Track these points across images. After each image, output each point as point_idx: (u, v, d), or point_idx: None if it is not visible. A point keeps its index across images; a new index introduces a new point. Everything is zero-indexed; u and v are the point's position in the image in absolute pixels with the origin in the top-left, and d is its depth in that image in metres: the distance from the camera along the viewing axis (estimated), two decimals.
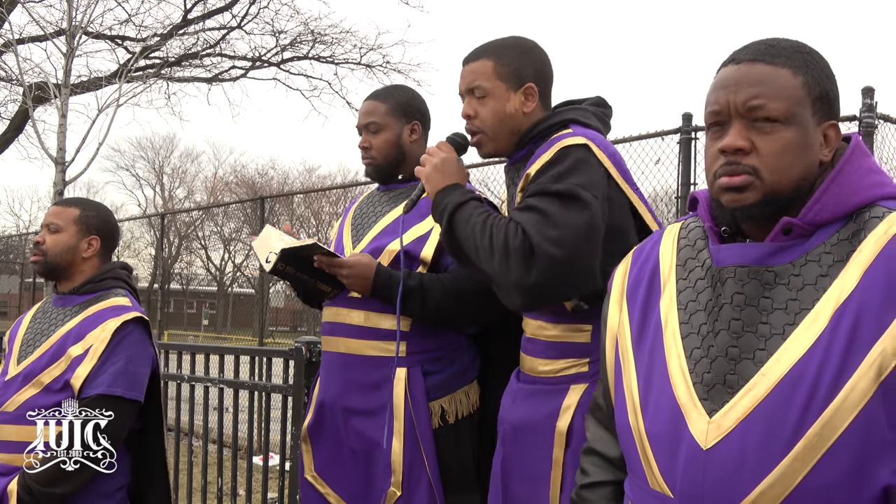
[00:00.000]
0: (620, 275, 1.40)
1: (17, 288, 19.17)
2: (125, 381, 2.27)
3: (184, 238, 31.44)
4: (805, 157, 1.19)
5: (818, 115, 1.21)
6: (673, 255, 1.33)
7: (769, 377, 1.13)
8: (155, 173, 39.11)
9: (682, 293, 1.27)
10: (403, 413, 2.21)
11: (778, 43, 1.24)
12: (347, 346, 2.29)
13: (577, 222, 1.74)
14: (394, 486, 2.21)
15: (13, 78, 11.91)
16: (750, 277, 1.19)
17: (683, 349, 1.22)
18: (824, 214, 1.18)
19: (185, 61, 13.50)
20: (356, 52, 14.33)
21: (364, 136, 2.40)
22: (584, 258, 1.75)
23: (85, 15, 9.35)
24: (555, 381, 1.90)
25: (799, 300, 1.15)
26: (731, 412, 1.14)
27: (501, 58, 1.96)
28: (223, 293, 35.67)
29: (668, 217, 7.55)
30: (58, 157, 8.79)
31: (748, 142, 1.19)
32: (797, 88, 1.19)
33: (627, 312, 1.35)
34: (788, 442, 1.09)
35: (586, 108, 2.01)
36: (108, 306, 2.39)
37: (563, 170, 1.80)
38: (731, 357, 1.17)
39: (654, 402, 1.23)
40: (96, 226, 2.49)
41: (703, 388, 1.18)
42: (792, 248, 1.18)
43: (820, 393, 1.09)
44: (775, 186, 1.18)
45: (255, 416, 5.64)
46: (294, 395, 3.14)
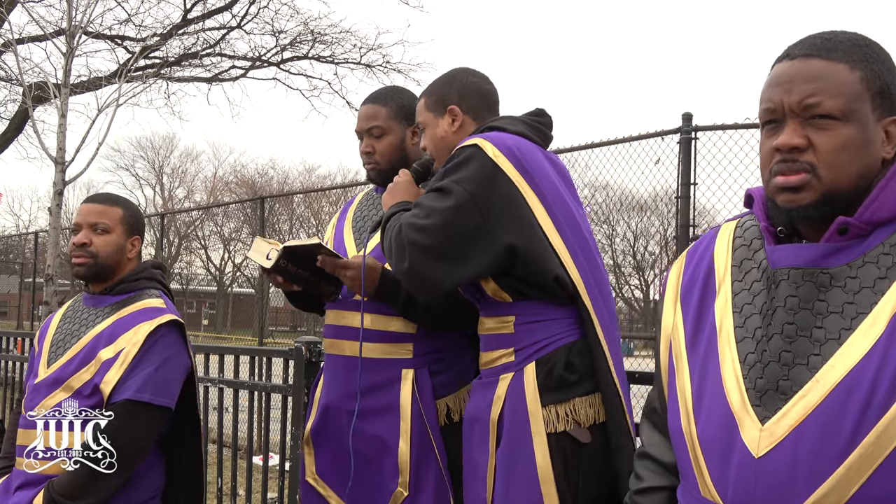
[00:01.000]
0: (675, 275, 1.36)
1: (16, 288, 19.16)
2: (153, 387, 2.20)
3: (184, 238, 31.45)
4: (865, 155, 1.14)
5: (879, 110, 1.15)
6: (728, 255, 1.28)
7: (823, 384, 1.09)
8: (155, 173, 39.16)
9: (738, 295, 1.23)
10: (410, 413, 2.21)
11: (834, 36, 1.19)
12: (354, 349, 2.28)
13: (444, 212, 1.91)
14: (401, 486, 2.21)
15: (13, 78, 11.91)
16: (804, 280, 1.15)
17: (738, 354, 1.18)
18: (882, 213, 1.13)
19: (185, 61, 13.49)
20: (356, 51, 14.33)
21: (367, 141, 2.38)
22: (448, 243, 1.90)
23: (85, 15, 9.34)
24: (491, 373, 2.01)
25: (856, 304, 1.11)
26: (783, 419, 1.11)
27: (428, 92, 2.20)
28: (223, 293, 35.68)
29: (669, 217, 7.53)
30: (57, 156, 8.79)
31: (804, 139, 1.14)
32: (855, 84, 1.14)
33: (682, 314, 1.31)
34: (843, 451, 1.06)
35: (514, 117, 2.11)
36: (141, 308, 2.32)
37: (447, 168, 1.98)
38: (784, 362, 1.13)
39: (706, 407, 1.20)
40: (137, 225, 2.45)
41: (756, 394, 1.14)
42: (848, 249, 1.14)
43: (876, 400, 1.05)
44: (833, 185, 1.13)
45: (255, 416, 5.64)
46: (294, 395, 3.14)
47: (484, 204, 1.92)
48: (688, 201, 4.96)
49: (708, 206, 5.72)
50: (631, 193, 7.40)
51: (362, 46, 14.23)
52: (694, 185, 4.95)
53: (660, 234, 18.42)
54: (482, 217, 1.92)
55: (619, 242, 15.91)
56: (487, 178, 1.93)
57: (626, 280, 21.58)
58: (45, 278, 8.88)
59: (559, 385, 1.91)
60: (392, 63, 14.32)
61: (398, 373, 2.24)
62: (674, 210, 5.12)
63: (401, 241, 1.93)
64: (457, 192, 1.92)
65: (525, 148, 1.99)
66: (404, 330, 2.25)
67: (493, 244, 1.92)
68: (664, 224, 11.27)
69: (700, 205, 5.22)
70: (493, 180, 1.93)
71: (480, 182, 1.93)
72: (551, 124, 2.16)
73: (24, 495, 2.18)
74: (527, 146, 2.00)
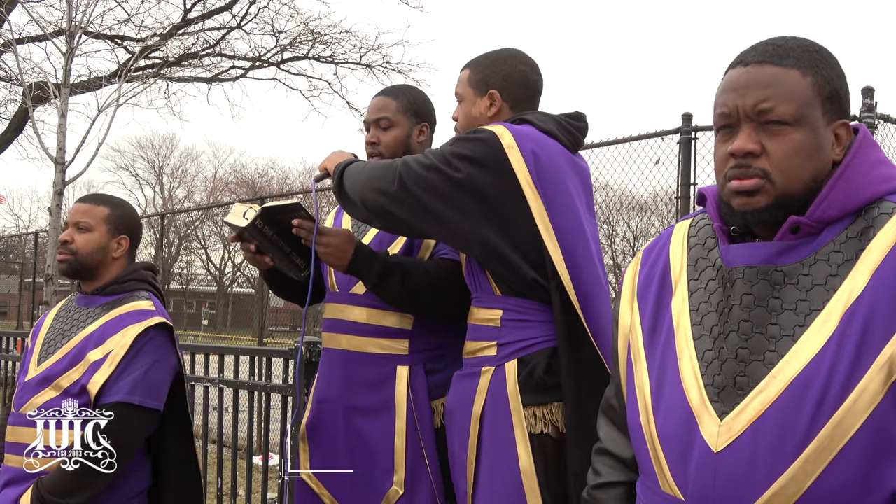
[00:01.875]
0: (631, 274, 1.39)
1: (16, 288, 19.17)
2: (143, 390, 2.21)
3: (184, 238, 31.47)
4: (816, 158, 1.17)
5: (829, 114, 1.19)
6: (683, 254, 1.31)
7: (780, 379, 1.12)
8: (155, 173, 39.15)
9: (694, 294, 1.26)
10: (406, 411, 2.21)
11: (786, 43, 1.22)
12: (350, 342, 2.29)
13: (427, 176, 1.95)
14: (396, 484, 2.22)
15: (13, 78, 11.92)
16: (759, 278, 1.18)
17: (695, 351, 1.21)
18: (832, 211, 1.16)
19: (185, 61, 13.50)
20: (356, 52, 14.34)
21: (373, 131, 2.38)
22: (435, 195, 1.95)
23: (85, 15, 9.34)
24: (473, 363, 2.03)
25: (808, 300, 1.14)
26: (741, 414, 1.13)
27: (476, 67, 2.16)
28: (223, 293, 35.69)
29: (669, 217, 7.54)
30: (57, 157, 8.79)
31: (758, 144, 1.17)
32: (806, 89, 1.17)
33: (639, 313, 1.33)
34: (799, 444, 1.08)
35: (548, 114, 2.10)
36: (130, 310, 2.32)
37: (458, 139, 2.02)
38: (741, 359, 1.16)
39: (665, 404, 1.22)
40: (125, 225, 2.43)
41: (714, 390, 1.17)
42: (801, 247, 1.17)
43: (831, 395, 1.08)
44: (786, 189, 1.17)
45: (255, 416, 5.64)
46: (294, 394, 3.14)
47: (474, 189, 1.94)
48: (688, 201, 4.96)
49: None
50: (631, 193, 7.40)
51: (362, 47, 14.25)
52: (694, 185, 4.95)
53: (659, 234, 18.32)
54: (471, 197, 1.95)
55: (619, 242, 15.91)
56: (489, 167, 1.95)
57: None
58: (45, 278, 8.88)
59: (539, 387, 1.92)
60: (392, 63, 14.34)
61: (393, 369, 2.24)
62: (674, 210, 5.12)
63: (395, 166, 1.98)
64: (432, 165, 1.96)
65: (547, 148, 2.00)
66: (400, 325, 2.25)
67: (463, 226, 1.95)
68: (664, 224, 11.26)
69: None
70: (493, 172, 1.94)
71: (478, 167, 1.95)
72: (586, 130, 2.15)
73: (11, 492, 2.19)
74: (549, 146, 2.01)
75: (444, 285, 2.18)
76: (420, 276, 2.17)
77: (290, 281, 2.43)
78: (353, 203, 2.10)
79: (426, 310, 2.23)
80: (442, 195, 1.95)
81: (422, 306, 2.21)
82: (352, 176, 2.10)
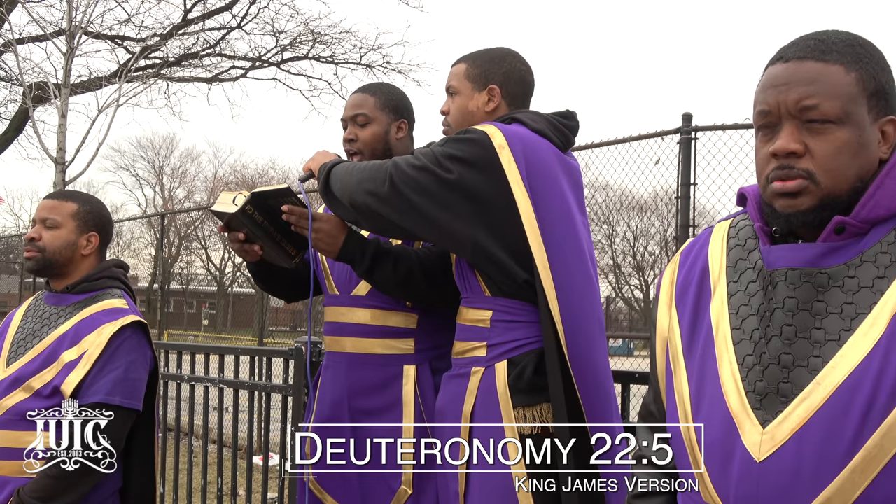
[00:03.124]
0: (669, 277, 1.34)
1: (16, 288, 19.16)
2: (123, 390, 2.18)
3: (184, 238, 31.44)
4: (862, 157, 1.13)
5: (874, 111, 1.14)
6: (723, 255, 1.26)
7: (825, 386, 1.08)
8: (155, 173, 39.11)
9: (734, 296, 1.21)
10: (413, 410, 2.21)
11: (828, 37, 1.17)
12: (355, 345, 2.28)
13: (417, 178, 1.95)
14: (404, 484, 2.22)
15: (13, 78, 11.91)
16: (802, 280, 1.14)
17: (735, 356, 1.17)
18: (879, 211, 1.12)
19: (185, 61, 13.49)
20: (356, 52, 14.32)
21: (350, 128, 2.36)
22: (426, 195, 1.93)
23: (85, 15, 9.35)
24: (462, 364, 2.04)
25: (855, 304, 1.10)
26: (785, 422, 1.10)
27: (474, 61, 2.16)
28: (223, 293, 35.67)
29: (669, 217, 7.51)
30: (58, 157, 8.79)
31: (801, 144, 1.13)
32: (851, 85, 1.13)
33: (677, 316, 1.29)
34: (846, 454, 1.05)
35: (539, 113, 2.09)
36: (103, 309, 2.27)
37: (449, 139, 2.01)
38: (783, 365, 1.12)
39: (705, 410, 1.18)
40: (94, 221, 2.37)
41: (756, 396, 1.13)
42: (846, 249, 1.13)
43: (879, 402, 1.04)
44: (832, 190, 1.13)
45: (255, 416, 5.64)
46: (294, 395, 3.14)
47: (466, 190, 1.94)
48: (688, 201, 4.96)
49: (708, 206, 5.71)
50: (631, 193, 7.42)
51: (362, 47, 14.23)
52: (694, 185, 4.95)
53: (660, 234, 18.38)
54: (462, 198, 1.94)
55: (619, 242, 15.92)
56: (479, 166, 1.94)
57: (626, 280, 21.57)
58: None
59: (529, 388, 1.92)
60: (392, 63, 14.31)
61: (399, 369, 2.24)
62: (674, 210, 5.12)
63: (385, 168, 1.97)
64: (424, 166, 1.95)
65: (538, 148, 1.99)
66: (404, 325, 2.25)
67: (454, 227, 1.95)
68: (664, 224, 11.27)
69: (700, 205, 5.22)
70: (485, 173, 1.94)
71: (466, 167, 1.94)
72: (577, 129, 2.15)
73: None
74: (541, 146, 2.00)
75: (436, 269, 2.17)
76: (412, 259, 2.16)
77: (277, 274, 2.40)
78: (340, 204, 2.09)
79: (419, 295, 2.21)
80: (433, 196, 1.94)
81: (415, 291, 2.19)
82: (340, 177, 2.08)
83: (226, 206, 2.14)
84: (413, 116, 2.45)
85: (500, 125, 2.00)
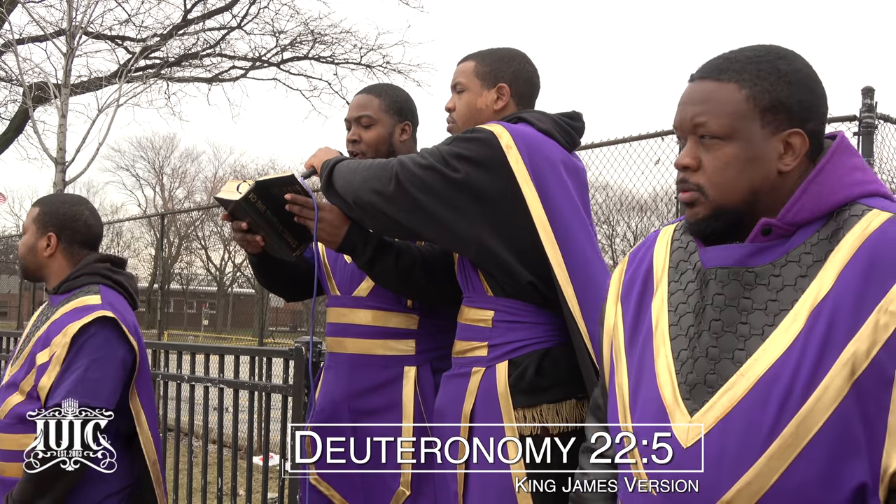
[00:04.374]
0: (617, 276, 1.42)
1: (17, 288, 19.16)
2: (84, 390, 2.13)
3: (184, 238, 31.46)
4: (752, 171, 1.20)
5: (772, 125, 1.20)
6: (666, 256, 1.34)
7: (747, 377, 1.15)
8: (155, 173, 39.13)
9: (674, 295, 1.29)
10: (412, 411, 2.21)
11: (735, 55, 1.25)
12: (357, 346, 2.28)
13: (424, 177, 1.93)
14: (403, 485, 2.21)
15: (13, 78, 11.92)
16: (730, 278, 1.21)
17: (671, 350, 1.24)
18: (804, 214, 1.19)
19: (185, 61, 13.51)
20: (356, 52, 14.34)
21: (354, 129, 2.35)
22: (431, 194, 1.92)
23: (85, 15, 9.36)
24: (462, 363, 2.03)
25: (778, 301, 1.16)
26: (710, 411, 1.16)
27: (483, 59, 2.15)
28: (223, 293, 35.69)
29: (669, 217, 7.55)
30: (58, 157, 8.80)
31: (695, 160, 1.22)
32: (740, 103, 1.20)
33: (622, 313, 1.36)
34: (765, 441, 1.11)
35: (545, 113, 2.10)
36: (72, 308, 2.23)
37: (456, 138, 2.00)
38: (711, 357, 1.19)
39: (641, 402, 1.26)
40: (52, 222, 2.34)
41: (687, 388, 1.20)
42: (773, 249, 1.20)
43: (795, 393, 1.10)
44: (720, 201, 1.21)
45: (255, 416, 5.64)
46: (294, 395, 3.14)
47: (473, 190, 1.93)
48: None
49: None
50: (631, 193, 7.41)
51: (362, 47, 14.26)
52: None
53: None
54: (469, 198, 1.94)
55: (619, 242, 15.89)
56: (487, 169, 1.94)
57: None
58: None
59: (530, 389, 1.92)
60: (392, 63, 14.35)
61: (400, 370, 2.24)
62: (674, 210, 5.12)
63: (391, 167, 1.96)
64: (431, 166, 1.94)
65: (545, 148, 1.99)
66: (406, 326, 2.25)
67: (460, 227, 1.94)
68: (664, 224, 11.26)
69: None
70: (492, 173, 1.94)
71: (474, 166, 1.94)
72: (582, 130, 2.15)
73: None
74: (547, 146, 2.00)
75: (438, 266, 2.17)
76: (414, 255, 2.16)
77: (278, 269, 2.39)
78: (343, 202, 2.08)
79: (419, 291, 2.21)
80: (439, 196, 1.94)
81: (415, 287, 2.18)
82: (344, 175, 2.07)
83: (230, 194, 2.14)
84: (417, 119, 2.44)
85: (507, 125, 2.00)
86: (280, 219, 2.18)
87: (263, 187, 2.12)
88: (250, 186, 2.10)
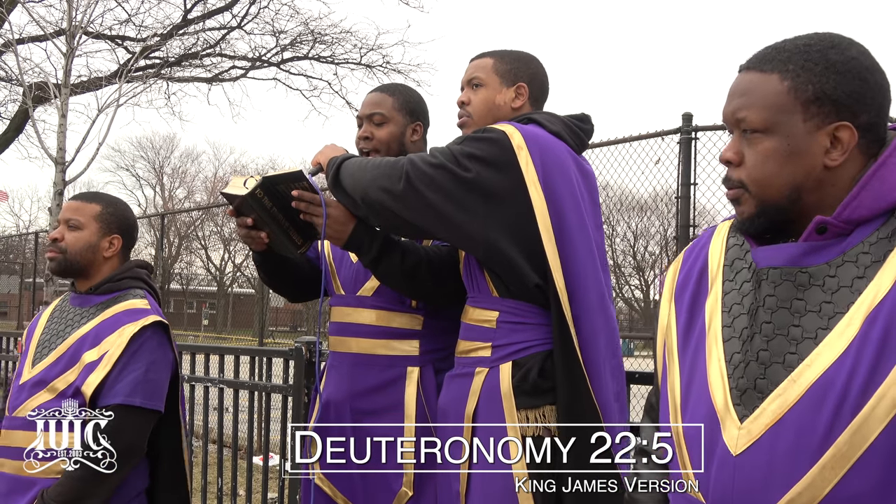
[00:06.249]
0: (671, 274, 1.37)
1: (17, 288, 19.16)
2: (144, 391, 2.16)
3: (184, 238, 31.47)
4: (793, 165, 1.14)
5: (816, 118, 1.14)
6: (721, 254, 1.29)
7: (799, 383, 1.10)
8: (155, 173, 39.15)
9: (728, 295, 1.24)
10: (415, 412, 2.20)
11: (784, 44, 1.18)
12: (360, 345, 2.28)
13: (434, 175, 1.92)
14: (405, 485, 2.21)
15: (13, 78, 11.92)
16: (783, 279, 1.16)
17: (724, 353, 1.19)
18: (862, 211, 1.12)
19: (185, 61, 13.50)
20: (356, 52, 14.34)
21: (366, 126, 2.35)
22: (442, 193, 1.92)
23: (85, 15, 9.36)
24: (466, 363, 2.03)
25: (833, 303, 1.11)
26: (760, 418, 1.12)
27: (502, 58, 2.16)
28: (223, 293, 35.70)
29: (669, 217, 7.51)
30: (58, 157, 8.80)
31: (738, 154, 1.18)
32: (780, 94, 1.15)
33: (675, 312, 1.32)
34: (817, 450, 1.07)
35: (556, 115, 2.10)
36: (125, 309, 2.25)
37: (467, 138, 2.00)
38: (761, 361, 1.14)
39: (692, 405, 1.21)
40: (118, 224, 2.36)
41: (738, 392, 1.15)
42: (828, 248, 1.14)
43: (849, 401, 1.06)
44: (764, 197, 1.16)
45: (255, 416, 5.64)
46: (294, 395, 3.14)
47: (483, 190, 1.93)
48: (688, 201, 4.96)
49: (708, 206, 5.73)
50: (631, 193, 7.42)
51: (362, 47, 14.25)
52: (694, 185, 4.95)
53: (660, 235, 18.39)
54: (479, 198, 1.93)
55: (619, 242, 15.91)
56: (499, 166, 1.93)
57: (626, 280, 21.60)
58: (45, 278, 8.90)
59: (533, 390, 1.92)
60: (392, 63, 14.33)
61: (403, 370, 2.23)
62: (674, 210, 5.12)
63: (401, 165, 1.95)
64: (442, 164, 1.93)
65: (555, 150, 1.99)
66: (410, 326, 2.24)
67: (470, 226, 1.93)
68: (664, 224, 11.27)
69: (700, 205, 5.22)
70: (503, 173, 1.93)
71: (485, 166, 1.93)
72: (591, 132, 2.16)
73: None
74: (558, 149, 2.00)
75: (444, 267, 2.16)
76: (420, 255, 2.15)
77: (282, 268, 2.39)
78: (350, 200, 2.07)
79: (424, 291, 2.20)
80: (450, 195, 1.93)
81: (420, 287, 2.17)
82: (352, 173, 2.06)
83: (236, 189, 2.12)
84: (428, 120, 2.44)
85: (519, 125, 2.00)
86: (286, 215, 2.17)
87: (270, 183, 2.11)
88: (257, 182, 2.09)
